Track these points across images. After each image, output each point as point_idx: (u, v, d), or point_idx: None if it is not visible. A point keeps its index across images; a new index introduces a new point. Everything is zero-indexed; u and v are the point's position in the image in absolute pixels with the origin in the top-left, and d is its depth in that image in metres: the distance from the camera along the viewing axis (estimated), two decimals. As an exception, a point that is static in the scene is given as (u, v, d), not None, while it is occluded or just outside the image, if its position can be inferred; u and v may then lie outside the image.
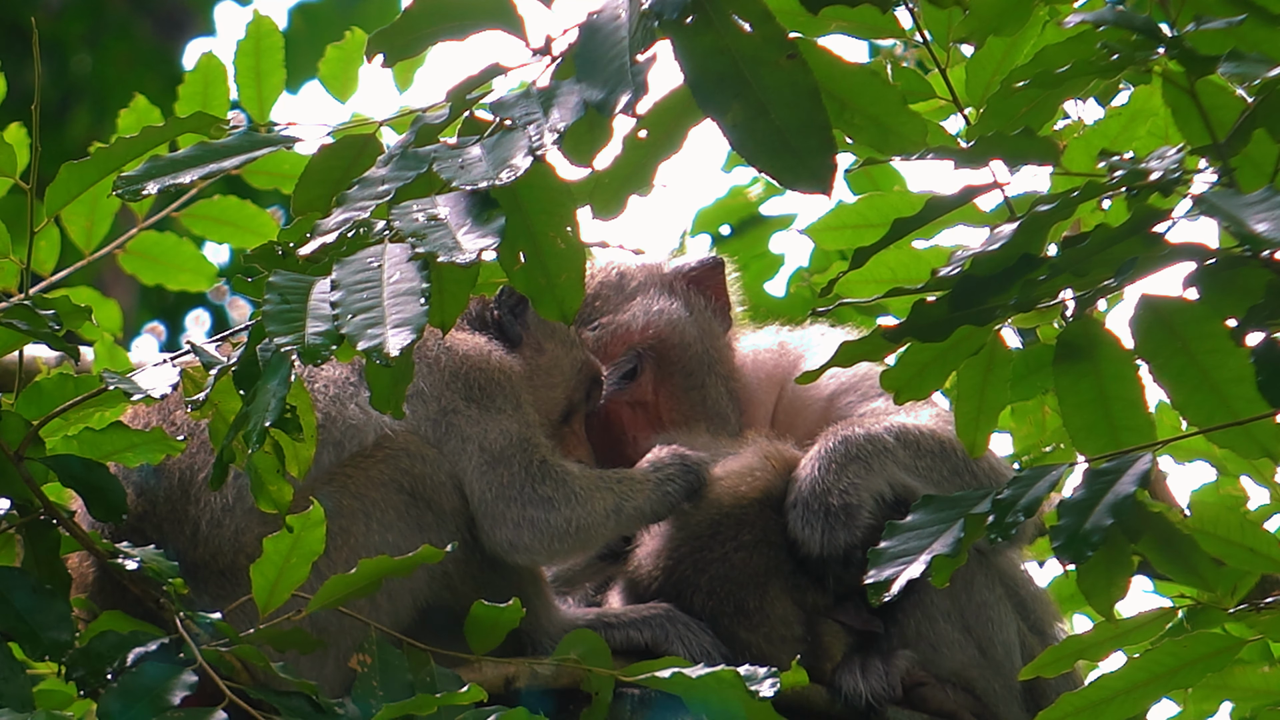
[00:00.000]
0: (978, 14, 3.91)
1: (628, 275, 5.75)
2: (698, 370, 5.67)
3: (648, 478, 5.23)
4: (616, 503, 5.14)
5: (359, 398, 5.03)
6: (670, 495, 5.23)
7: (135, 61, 14.49)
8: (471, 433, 5.07)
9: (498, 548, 5.03)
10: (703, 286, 5.84)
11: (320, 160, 3.65)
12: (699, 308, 5.80)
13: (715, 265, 5.85)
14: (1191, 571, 3.78)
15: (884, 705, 5.22)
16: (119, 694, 4.21)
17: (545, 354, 5.40)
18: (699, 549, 5.32)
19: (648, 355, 5.67)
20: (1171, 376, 3.63)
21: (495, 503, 5.02)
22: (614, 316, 5.64)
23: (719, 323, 5.84)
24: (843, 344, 3.78)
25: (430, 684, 4.60)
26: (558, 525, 5.06)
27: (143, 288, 6.35)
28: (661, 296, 5.75)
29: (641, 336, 5.66)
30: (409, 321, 3.27)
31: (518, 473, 5.07)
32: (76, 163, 5.05)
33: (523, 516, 5.04)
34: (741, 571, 5.28)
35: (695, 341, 5.72)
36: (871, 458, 5.32)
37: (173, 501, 4.89)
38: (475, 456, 5.06)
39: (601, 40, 3.35)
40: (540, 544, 5.05)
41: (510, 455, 5.08)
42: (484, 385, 5.15)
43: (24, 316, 4.19)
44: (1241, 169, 3.56)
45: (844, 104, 3.59)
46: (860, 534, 5.16)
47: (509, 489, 5.04)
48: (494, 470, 5.06)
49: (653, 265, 5.84)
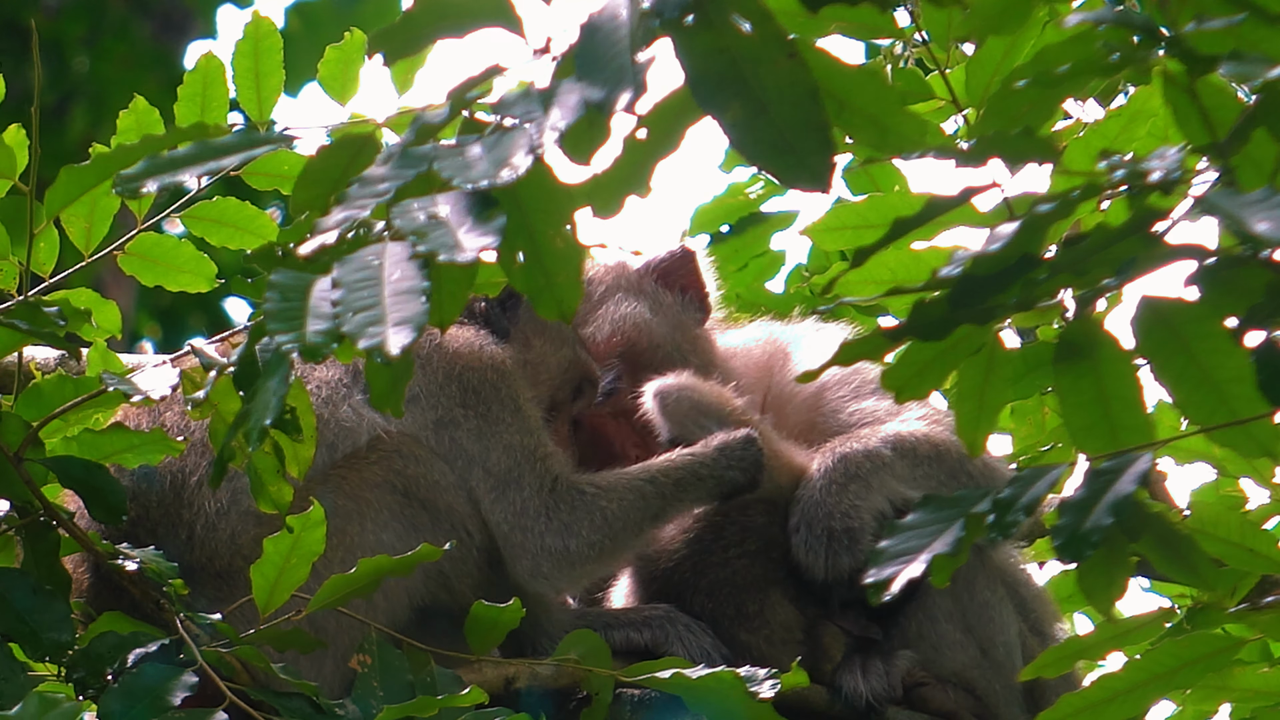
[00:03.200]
0: (977, 13, 3.90)
1: (594, 282, 5.69)
2: (671, 368, 5.61)
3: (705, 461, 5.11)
4: (658, 508, 5.05)
5: (352, 399, 5.02)
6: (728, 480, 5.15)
7: (134, 62, 14.49)
8: (475, 452, 5.03)
9: (520, 579, 4.99)
10: (672, 280, 5.78)
11: (319, 160, 3.64)
12: (667, 304, 5.74)
13: (684, 257, 5.80)
14: (1191, 572, 3.77)
15: (884, 705, 5.22)
16: (119, 695, 4.21)
17: (532, 350, 5.37)
18: (701, 551, 5.32)
19: (622, 363, 5.62)
20: (1172, 376, 3.62)
21: (512, 534, 4.96)
22: (583, 330, 5.60)
23: (694, 315, 5.79)
24: (843, 343, 3.77)
25: (431, 685, 4.60)
26: (580, 552, 4.99)
27: (142, 289, 6.34)
28: (626, 300, 5.70)
29: (609, 345, 5.61)
30: (409, 320, 3.27)
31: (530, 497, 4.99)
32: (75, 167, 5.05)
33: (541, 547, 4.97)
34: (743, 577, 5.28)
35: (665, 340, 5.66)
36: (871, 475, 5.31)
37: (166, 505, 4.89)
38: (483, 481, 5.00)
39: (601, 39, 3.35)
40: (562, 573, 4.99)
41: (519, 475, 5.01)
42: (478, 388, 5.11)
43: (26, 316, 4.19)
44: (1242, 169, 3.55)
45: (843, 103, 3.58)
46: (863, 556, 5.14)
47: (523, 517, 4.97)
48: (505, 496, 4.99)
49: (619, 266, 5.78)
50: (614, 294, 5.69)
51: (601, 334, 5.60)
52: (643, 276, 5.76)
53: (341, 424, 4.98)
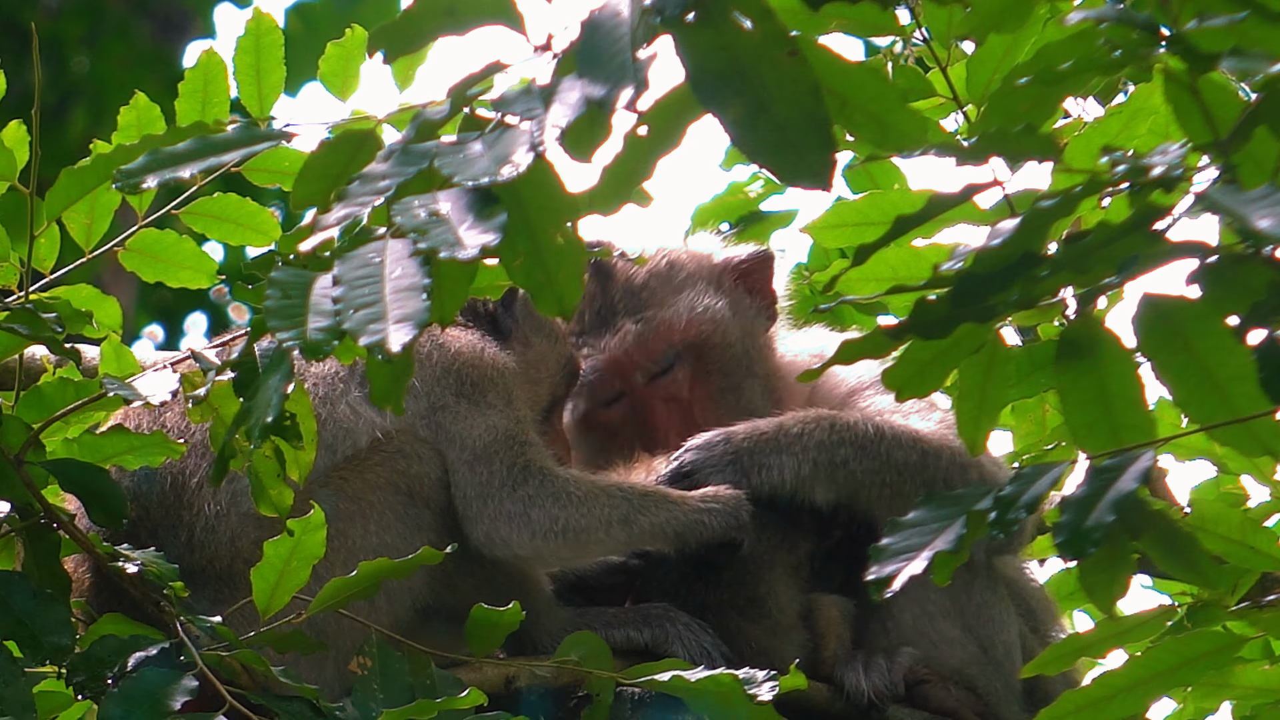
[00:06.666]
0: (979, 11, 3.90)
1: (677, 266, 5.70)
2: (735, 371, 5.64)
3: (687, 501, 5.16)
4: (627, 514, 5.06)
5: (350, 396, 5.02)
6: (705, 528, 5.16)
7: (134, 62, 14.50)
8: (457, 430, 5.04)
9: (478, 542, 4.99)
10: (750, 281, 5.79)
11: (319, 156, 3.64)
12: (743, 306, 5.75)
13: (764, 259, 5.79)
14: (1192, 569, 3.77)
15: (886, 702, 5.22)
16: (119, 699, 4.20)
17: (533, 348, 5.38)
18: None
19: (687, 352, 5.63)
20: (1173, 374, 3.62)
21: (473, 501, 4.98)
22: (658, 311, 5.60)
23: (762, 321, 5.80)
24: (844, 343, 3.78)
25: (430, 687, 4.59)
26: (539, 521, 5.00)
27: (143, 285, 6.35)
28: (708, 292, 5.70)
29: (683, 334, 5.62)
30: (410, 317, 3.27)
31: (499, 470, 5.01)
32: (75, 168, 5.05)
33: (499, 511, 4.98)
34: (750, 562, 5.29)
35: (736, 342, 5.68)
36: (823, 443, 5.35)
37: (166, 507, 4.88)
38: (459, 453, 5.03)
39: (603, 36, 3.35)
40: (519, 538, 4.99)
41: (494, 452, 5.03)
42: (476, 381, 5.12)
43: (25, 320, 4.19)
44: (1243, 166, 3.55)
45: (844, 101, 3.59)
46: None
47: (488, 487, 4.99)
48: (475, 467, 5.01)
49: (703, 255, 5.78)
50: (696, 283, 5.70)
51: (679, 322, 5.61)
52: (724, 272, 5.77)
53: (340, 423, 4.98)
